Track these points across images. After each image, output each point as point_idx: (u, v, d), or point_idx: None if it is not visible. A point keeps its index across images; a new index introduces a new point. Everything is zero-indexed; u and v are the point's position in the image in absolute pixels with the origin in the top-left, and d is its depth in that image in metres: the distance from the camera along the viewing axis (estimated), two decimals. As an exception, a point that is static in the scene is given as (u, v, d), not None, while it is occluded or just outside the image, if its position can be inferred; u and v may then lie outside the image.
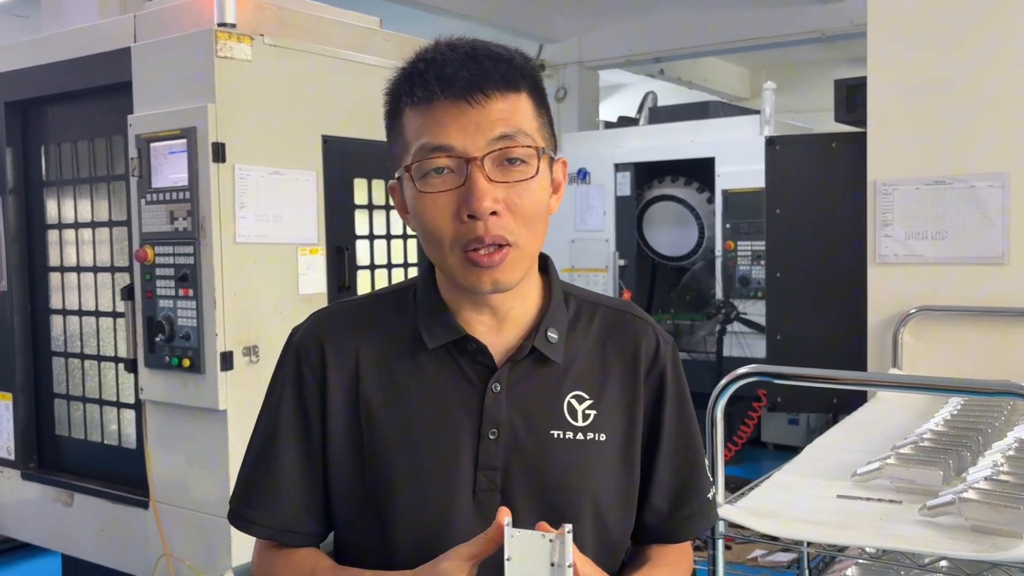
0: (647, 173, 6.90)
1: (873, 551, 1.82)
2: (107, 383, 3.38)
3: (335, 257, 3.20)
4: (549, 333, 1.23)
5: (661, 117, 7.12)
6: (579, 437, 1.21)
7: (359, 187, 3.31)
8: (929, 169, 3.27)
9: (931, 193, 3.26)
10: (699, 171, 6.58)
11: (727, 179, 6.28)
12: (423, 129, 1.14)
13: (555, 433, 1.21)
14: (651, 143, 6.73)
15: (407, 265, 3.53)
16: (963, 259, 3.23)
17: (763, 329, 4.84)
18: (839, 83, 3.99)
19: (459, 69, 1.12)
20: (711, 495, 1.34)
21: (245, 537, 1.28)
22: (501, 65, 1.14)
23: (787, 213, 3.91)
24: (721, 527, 1.83)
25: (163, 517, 3.06)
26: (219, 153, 2.82)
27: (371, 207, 3.37)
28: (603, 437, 1.23)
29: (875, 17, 3.37)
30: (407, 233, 3.49)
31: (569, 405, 1.23)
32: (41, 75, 3.39)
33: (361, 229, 3.34)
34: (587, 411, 1.23)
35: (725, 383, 1.89)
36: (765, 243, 4.08)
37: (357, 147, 3.22)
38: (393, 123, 1.20)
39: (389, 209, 3.42)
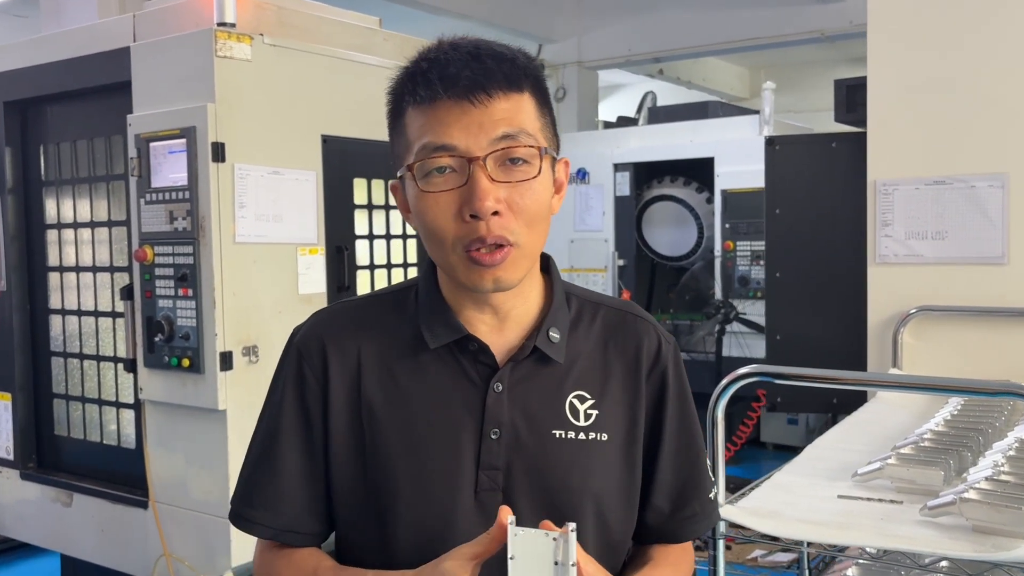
0: (646, 173, 6.90)
1: (873, 551, 1.83)
2: (106, 383, 3.38)
3: (335, 257, 3.20)
4: (551, 333, 1.23)
5: (660, 117, 7.12)
6: (581, 437, 1.21)
7: (359, 187, 3.31)
8: (929, 169, 3.27)
9: (931, 193, 3.26)
10: (698, 171, 6.58)
11: (726, 179, 6.28)
12: (426, 128, 1.14)
13: (557, 433, 1.21)
14: (650, 143, 6.73)
15: (407, 265, 3.53)
16: (963, 259, 3.23)
17: (763, 329, 4.84)
18: (839, 83, 3.99)
19: (462, 68, 1.12)
20: (713, 495, 1.34)
21: (245, 537, 1.27)
22: (504, 65, 1.14)
23: (787, 213, 3.91)
24: (722, 527, 1.83)
25: (162, 517, 3.06)
26: (219, 153, 2.82)
27: (371, 207, 3.37)
28: (605, 437, 1.23)
29: (875, 17, 3.37)
30: (407, 233, 3.49)
31: (571, 405, 1.22)
32: (40, 75, 3.39)
33: (361, 229, 3.33)
34: (589, 411, 1.23)
35: (726, 383, 1.88)
36: (765, 243, 4.08)
37: (357, 147, 3.22)
38: (395, 122, 1.20)
39: (389, 209, 3.42)
